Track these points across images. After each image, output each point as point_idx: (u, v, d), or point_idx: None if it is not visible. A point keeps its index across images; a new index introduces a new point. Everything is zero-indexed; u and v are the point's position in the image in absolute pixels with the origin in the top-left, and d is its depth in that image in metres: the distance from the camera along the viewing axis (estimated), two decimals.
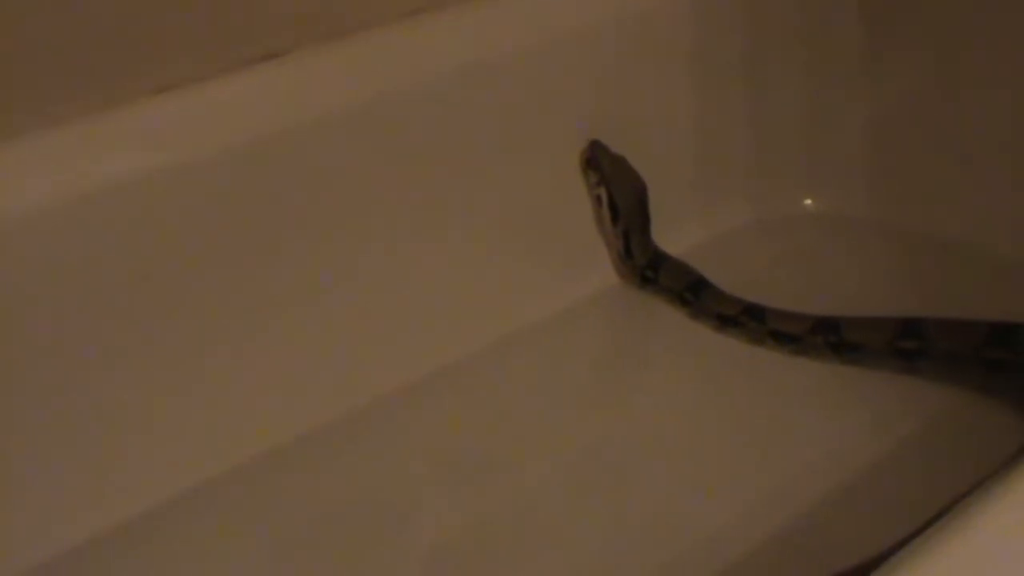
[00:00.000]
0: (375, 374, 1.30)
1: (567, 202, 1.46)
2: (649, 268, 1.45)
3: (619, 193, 1.44)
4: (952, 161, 1.49)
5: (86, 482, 1.13)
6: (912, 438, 1.21)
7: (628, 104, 1.48)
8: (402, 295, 1.33)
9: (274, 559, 1.12)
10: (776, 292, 1.41)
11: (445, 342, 1.36)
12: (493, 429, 1.28)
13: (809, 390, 1.31)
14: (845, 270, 1.53)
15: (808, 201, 1.62)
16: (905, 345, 1.27)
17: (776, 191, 1.62)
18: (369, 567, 1.12)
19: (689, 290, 1.42)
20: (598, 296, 1.47)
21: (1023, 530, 0.67)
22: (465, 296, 1.38)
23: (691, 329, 1.42)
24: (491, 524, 1.16)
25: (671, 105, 1.53)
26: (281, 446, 1.22)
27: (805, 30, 1.55)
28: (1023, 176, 1.43)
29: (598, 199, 1.45)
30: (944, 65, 1.48)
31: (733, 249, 1.56)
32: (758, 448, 1.23)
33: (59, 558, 1.09)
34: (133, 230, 1.13)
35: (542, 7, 1.38)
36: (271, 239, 1.22)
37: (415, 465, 1.24)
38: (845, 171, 1.60)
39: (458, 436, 1.27)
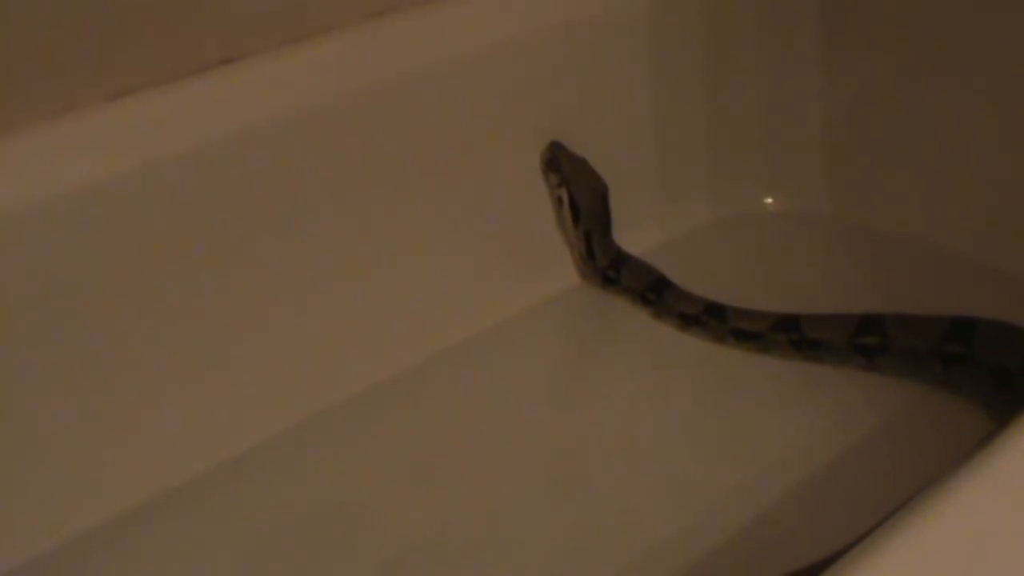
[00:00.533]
0: (335, 379, 1.30)
1: (528, 204, 1.46)
2: (611, 268, 1.45)
3: (580, 194, 1.43)
4: (912, 159, 1.50)
5: (35, 496, 1.13)
6: (873, 433, 1.21)
7: (588, 105, 1.47)
8: (362, 298, 1.33)
9: (237, 565, 1.12)
10: (738, 290, 1.41)
11: (405, 345, 1.36)
12: (455, 432, 1.28)
13: (772, 387, 1.31)
14: (806, 268, 1.53)
15: (768, 200, 1.62)
16: (865, 341, 1.28)
17: (737, 190, 1.62)
18: (333, 572, 1.11)
19: (651, 290, 1.42)
20: (560, 297, 1.47)
21: (981, 522, 0.68)
22: (426, 299, 1.38)
23: (654, 329, 1.42)
24: (454, 528, 1.16)
25: (631, 106, 1.52)
26: (243, 453, 1.22)
27: (763, 29, 1.55)
28: (983, 173, 1.43)
29: (559, 200, 1.45)
30: (902, 63, 1.48)
31: (695, 248, 1.56)
32: (722, 446, 1.23)
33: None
34: (90, 237, 1.12)
35: (502, 9, 1.38)
36: (228, 245, 1.21)
37: (378, 469, 1.23)
38: (805, 169, 1.61)
39: (421, 440, 1.27)
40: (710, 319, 1.37)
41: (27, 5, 1.08)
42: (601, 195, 1.45)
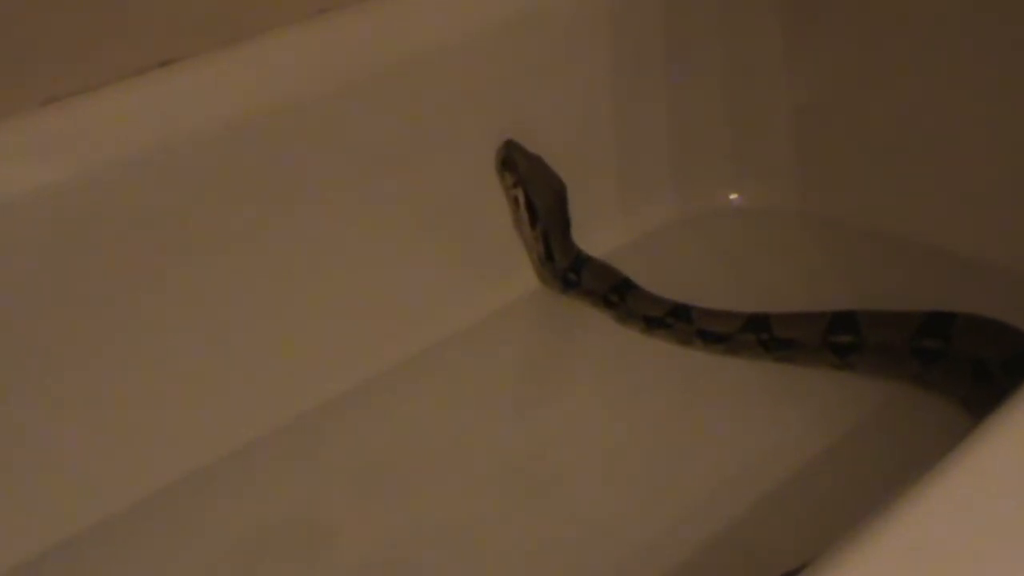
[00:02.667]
0: (290, 393, 1.31)
1: (484, 205, 1.47)
2: (571, 271, 1.46)
3: (537, 194, 1.44)
4: (879, 151, 1.52)
5: None
6: (849, 433, 1.22)
7: (544, 101, 1.48)
8: (312, 313, 1.33)
9: None
10: (704, 291, 1.42)
11: (360, 356, 1.36)
12: (416, 443, 1.29)
13: (742, 390, 1.32)
14: (774, 265, 1.54)
15: (733, 195, 1.64)
16: (838, 339, 1.29)
17: (700, 186, 1.64)
18: None
19: (614, 292, 1.43)
20: (519, 302, 1.48)
21: (961, 521, 0.68)
22: (379, 307, 1.38)
23: (617, 332, 1.43)
24: (419, 541, 1.16)
25: (588, 101, 1.53)
26: (204, 467, 1.23)
27: (726, 19, 1.56)
28: (951, 165, 1.45)
29: (515, 201, 1.46)
30: (867, 53, 1.49)
31: (658, 248, 1.58)
32: (693, 451, 1.24)
33: None
34: (20, 245, 1.12)
35: (452, 4, 1.38)
36: (166, 255, 1.21)
37: (339, 482, 1.24)
38: (770, 164, 1.62)
39: (382, 451, 1.28)
40: (676, 321, 1.38)
41: None
42: (559, 194, 1.45)
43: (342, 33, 1.31)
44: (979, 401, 1.18)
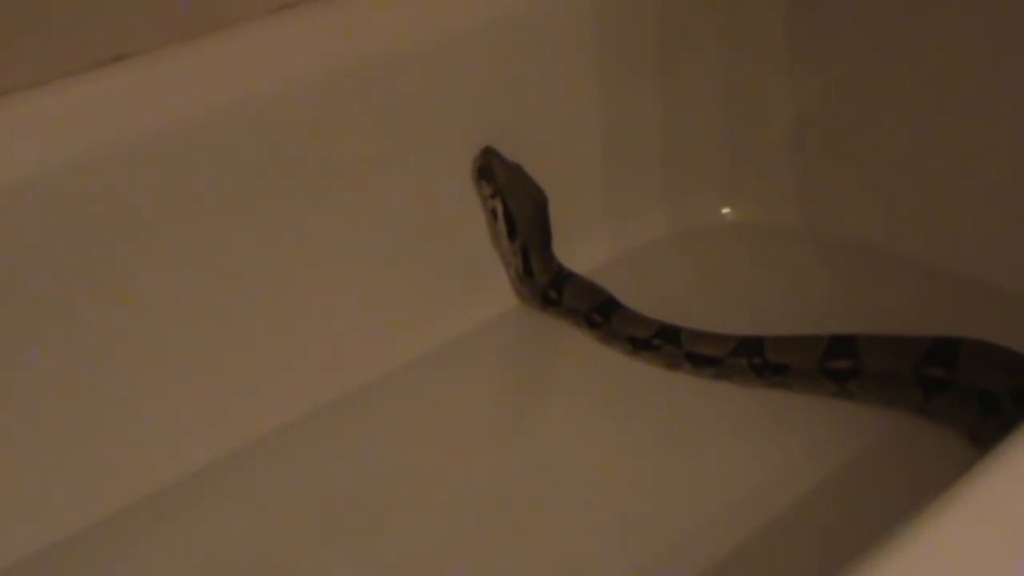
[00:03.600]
0: (249, 414, 1.30)
1: (459, 216, 1.45)
2: (552, 288, 1.44)
3: (516, 205, 1.43)
4: (882, 165, 1.51)
5: None
6: (846, 466, 1.21)
7: (525, 107, 1.47)
8: (277, 325, 1.32)
9: None
10: (694, 311, 1.41)
11: (326, 376, 1.35)
12: (379, 472, 1.27)
13: (733, 418, 1.31)
14: (769, 284, 1.53)
15: (727, 210, 1.64)
16: (836, 365, 1.28)
17: (692, 200, 1.63)
18: None
19: (597, 311, 1.42)
20: (495, 321, 1.47)
21: (963, 560, 0.69)
22: (347, 325, 1.37)
23: (601, 355, 1.42)
24: None
25: (573, 107, 1.52)
26: (151, 494, 1.22)
27: (722, 21, 1.56)
28: (958, 180, 1.45)
29: (493, 212, 1.44)
30: (874, 58, 1.49)
31: (646, 265, 1.57)
32: (680, 483, 1.23)
33: None
34: None
35: (422, 0, 1.37)
36: (119, 262, 1.20)
37: (298, 516, 1.22)
38: (766, 176, 1.62)
39: (343, 479, 1.26)
40: (664, 343, 1.37)
41: None
42: (540, 206, 1.44)
43: (305, 30, 1.30)
44: (986, 433, 1.17)
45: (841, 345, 1.28)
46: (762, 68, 1.57)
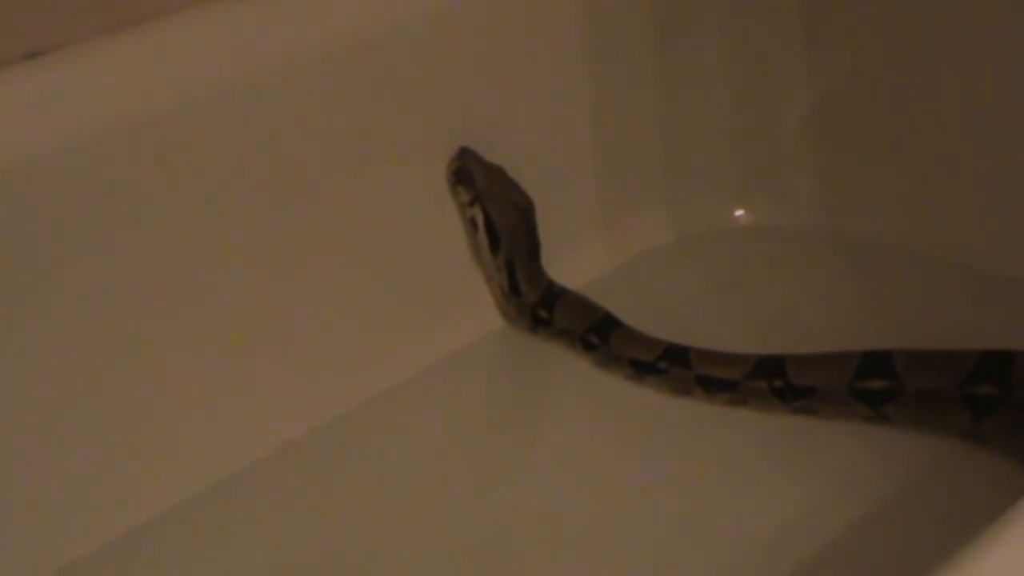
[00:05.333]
0: (203, 457, 1.30)
1: (434, 227, 1.45)
2: (542, 306, 1.43)
3: (498, 213, 1.42)
4: (908, 158, 1.52)
5: None
6: (885, 502, 1.21)
7: (507, 101, 1.47)
8: (225, 363, 1.32)
9: None
10: (705, 328, 1.42)
11: (289, 414, 1.35)
12: (354, 518, 1.26)
13: (753, 450, 1.31)
14: (789, 295, 1.52)
15: (740, 212, 1.63)
16: (869, 385, 1.27)
17: (700, 202, 1.63)
18: None
19: (594, 332, 1.41)
20: (478, 345, 1.46)
21: None
22: (304, 354, 1.37)
23: (599, 381, 1.41)
24: None
25: (562, 99, 1.52)
26: (104, 547, 1.22)
27: (730, 6, 1.56)
28: (1001, 172, 1.45)
29: (472, 222, 1.43)
30: (895, 46, 1.50)
31: (648, 277, 1.57)
32: (694, 528, 1.22)
33: None
34: None
35: None
36: (28, 293, 1.18)
37: (255, 566, 1.22)
38: (783, 174, 1.62)
39: (305, 528, 1.25)
40: (670, 366, 1.36)
41: None
42: (525, 213, 1.43)
43: (245, 20, 1.29)
44: None
45: (875, 362, 1.27)
46: (775, 47, 1.57)
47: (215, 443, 1.31)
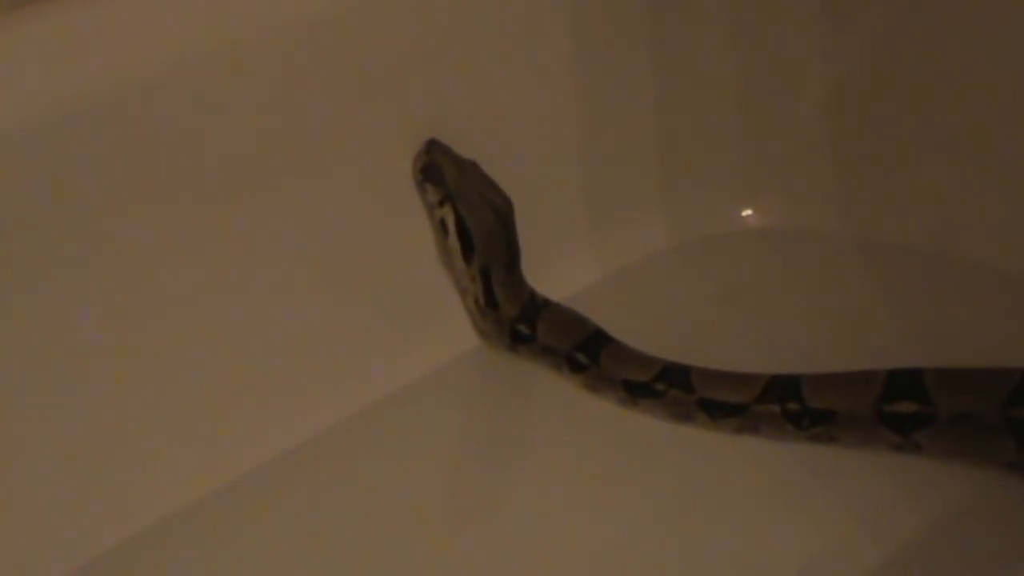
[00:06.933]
0: (147, 495, 1.29)
1: (397, 232, 1.43)
2: (522, 321, 1.41)
3: (471, 214, 1.40)
4: (932, 152, 1.51)
5: None
6: (916, 541, 1.19)
7: (479, 86, 1.45)
8: (167, 397, 1.30)
9: None
10: (709, 344, 1.40)
11: (242, 446, 1.34)
12: (315, 563, 1.25)
13: (764, 484, 1.28)
14: (803, 305, 1.51)
15: (748, 212, 1.62)
16: (897, 409, 1.24)
17: (703, 202, 1.61)
18: None
19: (582, 350, 1.38)
20: (451, 366, 1.45)
21: None
22: (263, 379, 1.36)
23: (587, 405, 1.38)
24: None
25: (545, 84, 1.50)
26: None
27: None
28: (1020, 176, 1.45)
29: (442, 224, 1.41)
30: (922, 29, 1.48)
31: (644, 287, 1.55)
32: (697, 571, 1.21)
33: None
34: None
35: None
36: None
37: None
38: (796, 169, 1.60)
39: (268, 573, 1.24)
40: (669, 388, 1.33)
41: None
42: (502, 215, 1.41)
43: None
44: None
45: (903, 382, 1.25)
46: (787, 26, 1.55)
47: (140, 487, 1.30)
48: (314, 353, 1.39)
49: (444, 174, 1.39)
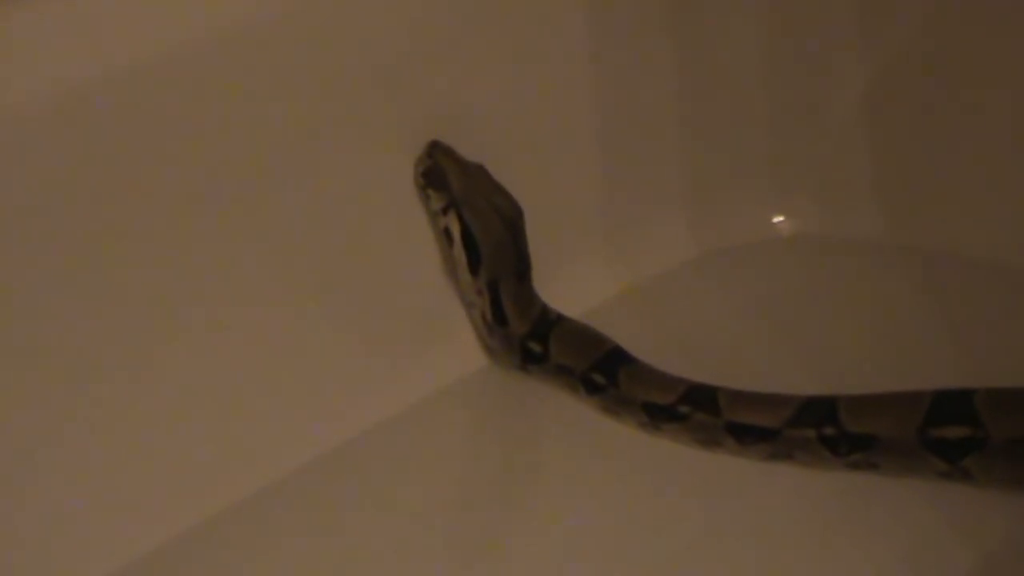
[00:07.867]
0: (130, 527, 1.27)
1: (398, 242, 1.41)
2: (533, 338, 1.39)
3: (478, 222, 1.38)
4: (986, 153, 1.49)
5: None
6: None
7: (487, 83, 1.43)
8: (145, 429, 1.28)
9: None
10: (737, 363, 1.39)
11: (228, 477, 1.32)
12: None
13: (799, 515, 1.25)
14: (840, 321, 1.48)
15: (779, 219, 1.61)
16: (945, 434, 1.21)
17: (732, 209, 1.60)
18: None
19: (599, 369, 1.36)
20: (457, 386, 1.43)
21: None
22: (265, 399, 1.34)
23: (605, 430, 1.36)
24: None
25: (558, 82, 1.48)
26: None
27: None
28: None
29: (446, 233, 1.39)
30: (968, 19, 1.47)
31: (666, 301, 1.54)
32: None
33: None
34: None
35: None
36: None
37: None
38: (830, 174, 1.60)
39: None
40: (694, 411, 1.30)
41: None
42: (511, 223, 1.40)
43: None
44: None
45: (951, 404, 1.21)
46: (821, 18, 1.54)
47: (120, 521, 1.27)
48: (306, 377, 1.37)
49: (448, 179, 1.37)
